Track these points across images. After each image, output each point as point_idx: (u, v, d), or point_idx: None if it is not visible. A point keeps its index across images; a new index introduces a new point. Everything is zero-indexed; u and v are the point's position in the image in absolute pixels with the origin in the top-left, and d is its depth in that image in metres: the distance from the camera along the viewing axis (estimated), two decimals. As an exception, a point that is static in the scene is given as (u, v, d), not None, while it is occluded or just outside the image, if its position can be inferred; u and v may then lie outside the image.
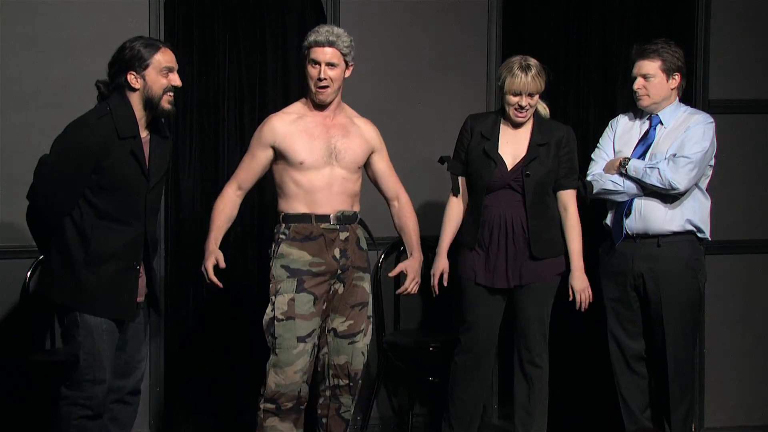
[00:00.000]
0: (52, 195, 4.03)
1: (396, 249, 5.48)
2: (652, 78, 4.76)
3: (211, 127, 5.33)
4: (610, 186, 4.80)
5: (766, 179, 5.65)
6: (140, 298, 4.20)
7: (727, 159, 5.07)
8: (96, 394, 4.08)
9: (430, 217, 5.15)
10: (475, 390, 4.82)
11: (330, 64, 4.35)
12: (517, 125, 4.71)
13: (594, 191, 4.85)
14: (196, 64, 5.31)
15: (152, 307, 4.27)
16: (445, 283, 4.80)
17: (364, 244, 4.49)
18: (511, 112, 4.66)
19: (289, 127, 4.39)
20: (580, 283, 4.74)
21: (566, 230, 4.73)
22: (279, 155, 4.39)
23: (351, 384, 4.47)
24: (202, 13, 5.31)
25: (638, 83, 4.78)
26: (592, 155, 4.94)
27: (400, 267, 4.58)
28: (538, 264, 4.69)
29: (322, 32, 4.36)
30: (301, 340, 4.32)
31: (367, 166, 4.55)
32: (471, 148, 4.75)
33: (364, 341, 4.48)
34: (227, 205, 4.48)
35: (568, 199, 4.73)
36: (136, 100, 4.05)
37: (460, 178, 4.81)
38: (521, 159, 4.67)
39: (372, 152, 4.52)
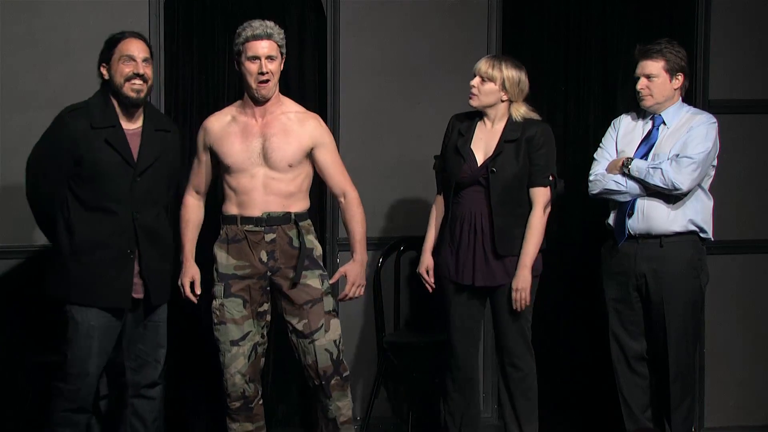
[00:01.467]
0: (36, 187, 4.24)
1: (396, 249, 5.49)
2: (655, 78, 4.75)
3: (211, 127, 5.33)
4: (612, 186, 4.79)
5: (766, 179, 5.65)
6: (137, 295, 4.23)
7: (727, 159, 5.06)
8: (80, 388, 4.18)
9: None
10: (463, 388, 4.80)
11: (269, 57, 4.32)
12: (492, 121, 4.67)
13: (596, 191, 4.84)
14: (196, 64, 5.32)
15: (146, 298, 4.27)
16: (431, 280, 4.76)
17: (297, 244, 4.37)
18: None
19: (223, 129, 4.40)
20: (521, 282, 4.58)
21: (527, 227, 4.63)
22: (213, 157, 4.42)
23: (323, 383, 4.40)
24: (202, 13, 5.32)
25: (641, 83, 4.78)
26: (595, 155, 4.94)
27: (340, 272, 4.48)
28: (512, 263, 4.63)
29: (257, 26, 4.33)
30: (234, 343, 4.38)
31: (312, 162, 4.44)
32: (447, 146, 4.76)
33: (326, 338, 4.38)
34: (191, 212, 4.53)
35: (535, 196, 4.65)
36: (111, 92, 4.22)
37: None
38: (490, 155, 4.65)
39: (313, 147, 4.40)
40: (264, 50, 4.32)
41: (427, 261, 4.78)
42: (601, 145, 4.95)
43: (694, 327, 4.90)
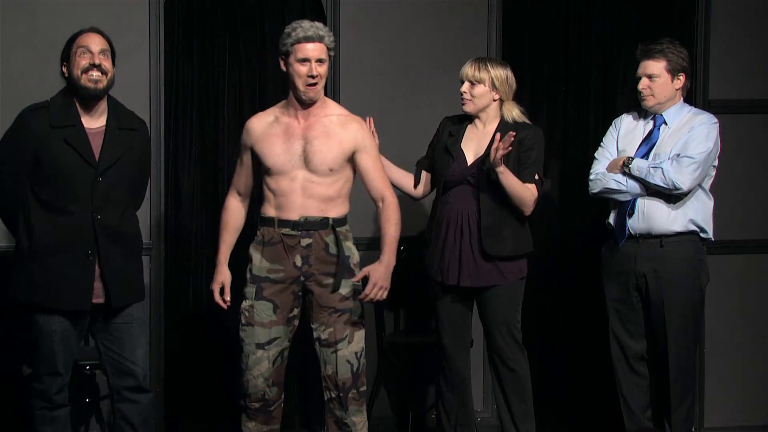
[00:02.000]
0: (1, 184, 4.19)
1: (396, 249, 5.48)
2: (657, 78, 4.75)
3: (211, 127, 5.33)
4: (613, 185, 4.79)
5: (765, 179, 5.65)
6: (98, 299, 4.17)
7: (727, 159, 5.06)
8: (50, 387, 4.17)
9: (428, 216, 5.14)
10: (455, 388, 4.81)
11: (319, 60, 4.24)
12: (484, 123, 4.68)
13: (596, 190, 4.84)
14: (196, 64, 5.32)
15: (107, 301, 4.19)
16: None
17: (334, 250, 4.27)
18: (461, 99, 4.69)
19: (265, 130, 4.31)
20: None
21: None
22: (255, 158, 4.34)
23: (341, 395, 4.30)
24: (202, 13, 5.32)
25: (643, 83, 4.77)
26: (595, 154, 4.93)
27: (364, 271, 4.28)
28: (498, 265, 4.63)
29: (308, 27, 4.24)
30: (260, 347, 4.27)
31: (354, 166, 4.35)
32: (437, 147, 4.76)
33: (349, 349, 4.29)
34: (232, 215, 4.43)
35: None
36: (72, 89, 4.18)
37: (423, 172, 4.83)
38: (481, 155, 4.66)
39: (354, 151, 4.32)
40: (315, 53, 4.22)
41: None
42: (602, 144, 4.95)
43: (694, 327, 4.90)
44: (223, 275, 4.37)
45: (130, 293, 4.27)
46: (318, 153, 4.25)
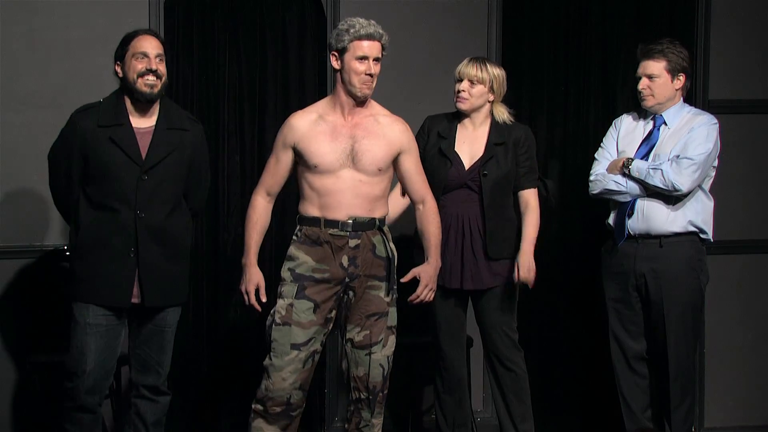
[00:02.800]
0: (53, 185, 4.33)
1: (396, 249, 5.48)
2: (657, 78, 4.75)
3: (211, 127, 5.33)
4: (613, 186, 4.79)
5: (765, 179, 5.65)
6: (135, 299, 4.21)
7: (727, 159, 5.07)
8: (77, 386, 4.18)
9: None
10: (452, 390, 4.81)
11: (376, 59, 4.20)
12: (474, 125, 4.70)
13: (596, 191, 4.84)
14: (196, 64, 5.31)
15: (143, 300, 4.23)
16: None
17: (382, 252, 4.24)
18: (454, 98, 4.69)
19: (310, 127, 4.19)
20: (526, 261, 4.63)
21: (524, 223, 4.68)
22: (298, 156, 4.21)
23: (370, 397, 4.26)
24: (202, 13, 5.31)
25: (643, 83, 4.77)
26: (595, 155, 4.94)
27: (414, 272, 4.32)
28: (498, 265, 4.66)
29: (366, 25, 4.20)
30: (295, 347, 4.15)
31: (395, 167, 4.31)
32: (427, 149, 4.74)
33: (382, 353, 4.26)
34: (260, 215, 4.28)
35: (530, 197, 4.70)
36: (125, 90, 4.23)
37: None
38: (479, 158, 4.66)
39: (399, 153, 4.27)
40: (374, 51, 4.18)
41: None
42: (601, 144, 4.95)
43: (693, 327, 4.90)
44: (257, 276, 4.24)
45: (166, 295, 4.27)
46: (367, 152, 4.20)
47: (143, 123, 4.23)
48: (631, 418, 4.92)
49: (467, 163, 4.68)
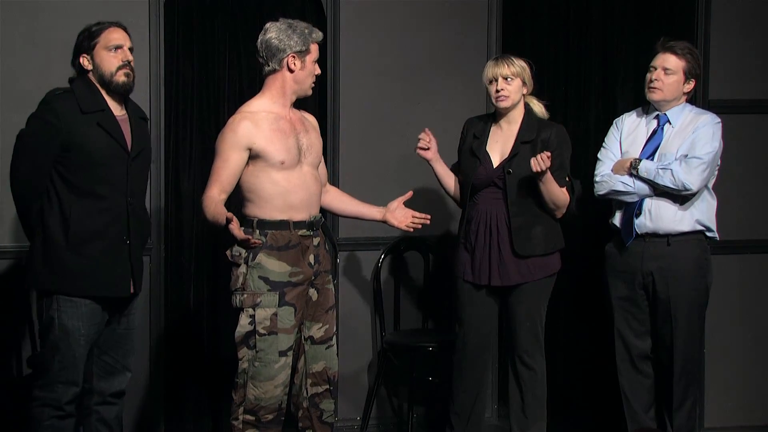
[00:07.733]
0: (22, 167, 4.12)
1: (395, 249, 5.49)
2: (672, 75, 4.74)
3: (211, 127, 5.33)
4: (620, 187, 4.78)
5: (765, 179, 5.64)
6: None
7: (728, 159, 5.06)
8: (67, 395, 4.11)
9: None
10: (471, 388, 4.82)
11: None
12: (508, 123, 4.73)
13: (603, 192, 4.83)
14: (196, 64, 5.32)
15: (135, 288, 4.24)
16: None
17: (329, 245, 4.43)
18: (494, 100, 4.71)
19: (265, 125, 4.18)
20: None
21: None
22: (255, 156, 4.16)
23: (331, 388, 4.34)
24: (202, 13, 5.32)
25: (657, 74, 4.75)
26: (599, 155, 4.93)
27: (390, 219, 4.48)
28: (527, 263, 4.69)
29: (316, 29, 4.28)
30: (282, 354, 4.16)
31: None
32: (463, 150, 4.81)
33: (334, 343, 4.39)
34: (218, 203, 4.16)
35: None
36: (94, 80, 4.18)
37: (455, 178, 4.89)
38: (506, 157, 4.69)
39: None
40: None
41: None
42: (604, 145, 4.94)
43: (699, 326, 4.91)
44: (229, 215, 4.05)
45: (142, 282, 4.33)
46: (312, 147, 4.30)
47: (117, 111, 4.21)
48: (633, 417, 4.92)
49: (496, 162, 4.72)
